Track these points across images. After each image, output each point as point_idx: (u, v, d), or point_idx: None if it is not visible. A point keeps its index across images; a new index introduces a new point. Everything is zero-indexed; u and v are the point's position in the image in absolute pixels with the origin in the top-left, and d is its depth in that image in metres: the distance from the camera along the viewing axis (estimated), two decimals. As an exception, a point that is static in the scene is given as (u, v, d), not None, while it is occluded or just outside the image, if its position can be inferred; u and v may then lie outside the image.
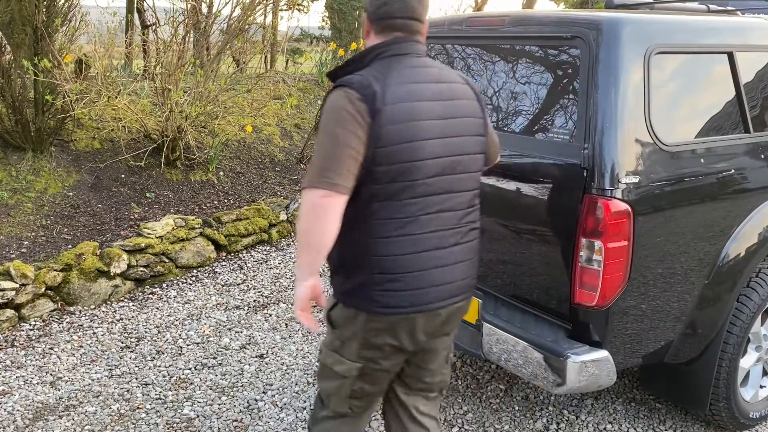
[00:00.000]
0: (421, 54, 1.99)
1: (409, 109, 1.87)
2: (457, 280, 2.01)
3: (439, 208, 1.95)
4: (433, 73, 1.97)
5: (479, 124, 2.03)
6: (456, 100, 1.97)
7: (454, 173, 1.96)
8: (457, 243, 2.00)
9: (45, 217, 4.93)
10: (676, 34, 2.69)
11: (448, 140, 1.93)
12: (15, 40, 5.44)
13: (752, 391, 3.11)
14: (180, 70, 5.82)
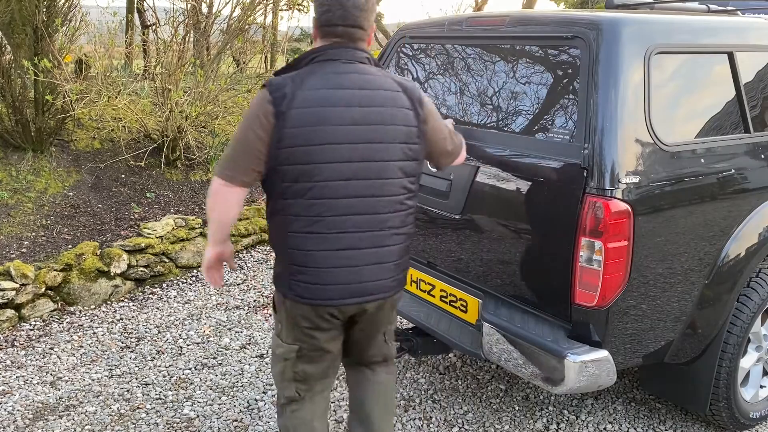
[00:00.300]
0: (352, 60, 2.06)
1: (316, 113, 1.97)
2: (366, 281, 2.10)
3: (350, 210, 2.04)
4: (356, 80, 2.04)
5: (406, 132, 2.07)
6: (376, 107, 2.03)
7: (368, 178, 2.03)
8: (374, 246, 2.08)
9: (45, 217, 4.93)
10: (676, 34, 2.69)
11: (362, 146, 2.01)
12: (15, 40, 5.44)
13: (752, 391, 3.11)
14: (180, 70, 5.82)
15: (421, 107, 2.12)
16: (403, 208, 2.13)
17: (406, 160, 2.09)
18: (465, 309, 2.96)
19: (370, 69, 2.09)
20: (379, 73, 2.10)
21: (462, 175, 2.85)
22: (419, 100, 2.12)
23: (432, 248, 3.08)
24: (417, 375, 3.60)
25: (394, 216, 2.11)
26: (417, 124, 2.10)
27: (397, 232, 2.13)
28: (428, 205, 3.02)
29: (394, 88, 2.08)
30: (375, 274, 2.11)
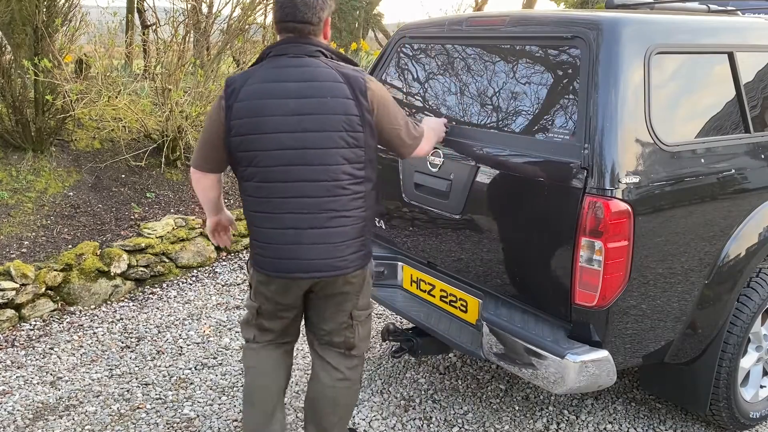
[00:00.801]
0: (300, 54, 2.24)
1: (255, 105, 2.20)
2: (312, 258, 2.29)
3: (290, 193, 2.24)
4: (297, 72, 2.22)
5: (346, 120, 2.21)
6: (314, 98, 2.19)
7: (306, 164, 2.22)
8: (313, 227, 2.27)
9: (45, 217, 4.93)
10: (677, 34, 2.69)
11: (299, 134, 2.20)
12: (15, 40, 5.45)
13: (752, 391, 3.11)
14: (180, 70, 5.82)
15: (364, 97, 2.23)
16: (346, 193, 2.27)
17: (347, 147, 2.23)
18: (465, 309, 2.96)
19: (314, 62, 2.24)
20: (324, 65, 2.24)
21: (462, 175, 2.85)
22: (362, 90, 2.23)
23: (432, 248, 3.08)
24: (417, 375, 3.60)
25: (334, 200, 2.26)
26: (359, 113, 2.22)
27: (339, 215, 2.27)
28: (428, 205, 3.02)
29: (336, 79, 2.21)
30: (319, 253, 2.29)
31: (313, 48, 2.26)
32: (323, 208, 2.25)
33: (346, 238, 2.31)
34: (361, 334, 2.55)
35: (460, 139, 2.89)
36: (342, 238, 2.30)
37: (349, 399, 2.62)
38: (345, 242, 2.31)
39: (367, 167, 2.30)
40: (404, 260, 3.27)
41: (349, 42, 9.74)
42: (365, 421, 3.18)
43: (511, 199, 2.70)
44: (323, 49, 2.28)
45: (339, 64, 2.28)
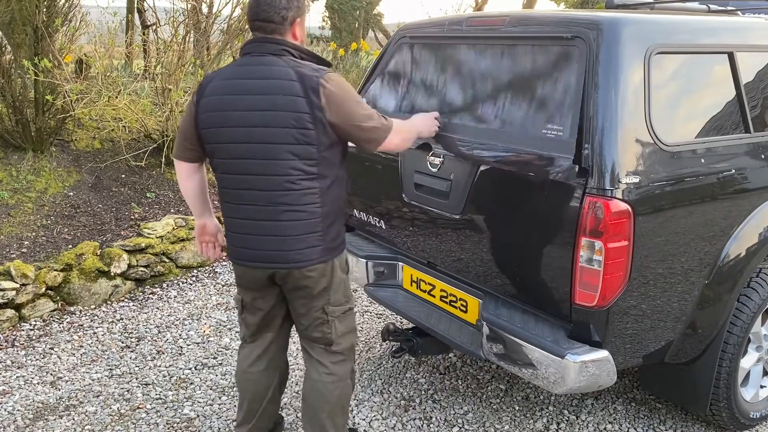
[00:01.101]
0: (263, 53, 2.33)
1: (218, 100, 2.33)
2: (268, 249, 2.39)
3: (246, 186, 2.36)
4: (256, 71, 2.32)
5: (296, 118, 2.27)
6: (268, 95, 2.28)
7: (258, 158, 2.31)
8: (267, 219, 2.36)
9: (45, 217, 4.93)
10: (677, 34, 2.69)
11: (253, 129, 2.30)
12: (15, 40, 5.44)
13: (753, 391, 3.11)
14: (180, 70, 5.82)
15: (315, 95, 2.26)
16: (297, 188, 2.33)
17: (296, 143, 2.29)
18: (465, 309, 2.96)
19: (274, 60, 2.32)
20: (283, 63, 2.31)
21: (462, 176, 2.85)
22: (314, 88, 2.27)
23: (432, 248, 3.08)
24: (417, 375, 3.60)
25: (285, 194, 2.33)
26: (309, 110, 2.27)
27: (290, 209, 2.34)
28: (428, 205, 3.02)
29: (289, 77, 2.28)
30: (275, 245, 2.38)
31: (277, 47, 2.34)
32: (275, 202, 2.34)
33: (299, 231, 2.37)
34: (338, 330, 2.58)
35: (460, 137, 2.89)
36: (295, 232, 2.37)
37: (337, 395, 2.63)
38: (298, 236, 2.38)
39: (321, 164, 2.35)
40: (404, 260, 3.27)
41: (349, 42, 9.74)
42: (365, 421, 3.18)
43: (511, 199, 2.70)
44: (289, 48, 2.35)
45: (299, 62, 2.33)
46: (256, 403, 2.75)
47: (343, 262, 2.56)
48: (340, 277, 2.53)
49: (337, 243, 2.50)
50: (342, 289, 2.56)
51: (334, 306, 2.54)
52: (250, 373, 2.73)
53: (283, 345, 2.77)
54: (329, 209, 2.43)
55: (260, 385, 2.73)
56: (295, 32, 2.40)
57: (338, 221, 2.49)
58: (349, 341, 2.64)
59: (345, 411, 2.70)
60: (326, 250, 2.45)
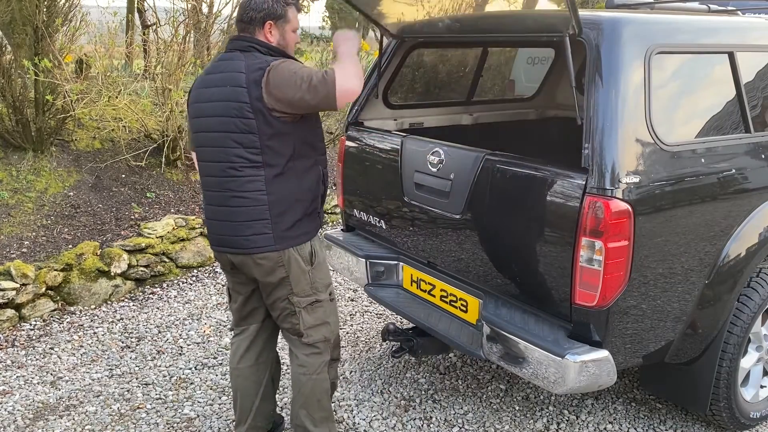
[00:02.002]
0: (233, 49, 2.49)
1: (195, 93, 2.54)
2: (223, 233, 2.53)
3: (206, 172, 2.53)
4: (220, 65, 2.48)
5: (237, 108, 2.38)
6: (221, 87, 2.43)
7: (211, 146, 2.48)
8: (219, 204, 2.51)
9: (45, 217, 4.93)
10: (677, 34, 2.69)
11: (210, 119, 2.47)
12: (15, 40, 5.44)
13: (753, 391, 3.11)
14: (180, 70, 5.82)
15: (257, 85, 2.35)
16: (241, 175, 2.43)
17: (239, 132, 2.40)
18: (465, 309, 2.95)
19: (238, 55, 2.45)
20: (242, 58, 2.43)
21: (462, 175, 2.85)
22: (256, 80, 2.36)
23: (432, 248, 3.08)
24: (417, 375, 3.60)
25: (230, 180, 2.45)
26: (249, 100, 2.36)
27: (235, 195, 2.45)
28: (428, 205, 3.02)
29: (240, 69, 2.40)
30: (227, 230, 2.51)
31: (244, 43, 2.48)
32: (223, 188, 2.48)
33: (245, 218, 2.46)
34: (307, 322, 2.60)
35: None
36: (241, 218, 2.47)
37: (310, 388, 2.65)
38: (245, 222, 2.46)
39: (266, 153, 2.41)
40: (404, 260, 3.27)
41: (349, 42, 9.73)
42: (365, 421, 3.18)
43: (511, 199, 2.70)
44: (256, 45, 2.47)
45: (258, 56, 2.43)
46: (248, 401, 2.77)
47: (305, 253, 2.55)
48: (301, 267, 2.54)
49: (294, 233, 2.51)
50: (306, 281, 2.56)
51: (299, 297, 2.57)
52: (239, 369, 2.77)
53: (269, 338, 2.79)
54: (277, 198, 2.46)
55: (250, 380, 2.76)
56: (267, 35, 2.50)
57: (291, 211, 2.49)
58: (321, 333, 2.64)
59: (322, 406, 2.69)
60: (278, 239, 2.47)
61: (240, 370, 2.77)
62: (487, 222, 2.80)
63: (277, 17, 2.50)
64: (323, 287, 2.64)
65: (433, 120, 3.92)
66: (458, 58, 6.31)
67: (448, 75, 6.82)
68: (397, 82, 3.67)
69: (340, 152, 3.57)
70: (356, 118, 3.56)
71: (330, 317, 2.67)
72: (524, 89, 4.96)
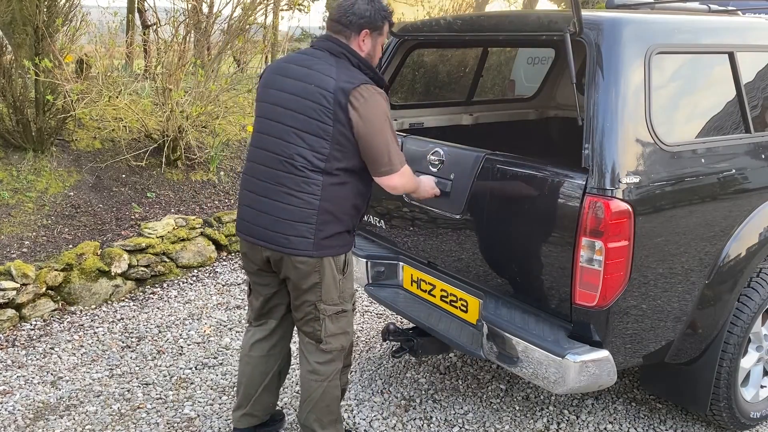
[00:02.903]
0: (322, 48, 2.48)
1: (268, 77, 2.54)
2: (261, 226, 2.49)
3: (259, 159, 2.49)
4: (306, 60, 2.46)
5: (317, 110, 2.37)
6: (303, 83, 2.41)
7: (274, 137, 2.45)
8: (266, 196, 2.46)
9: (46, 216, 4.93)
10: (677, 34, 2.69)
11: (278, 109, 2.46)
12: (16, 40, 5.44)
13: (753, 391, 3.11)
14: (181, 70, 5.82)
15: (345, 97, 2.34)
16: (299, 174, 2.40)
17: (308, 133, 2.38)
18: (465, 309, 2.96)
19: (327, 57, 2.44)
20: (332, 62, 2.42)
21: (463, 176, 2.85)
22: (345, 90, 2.34)
23: (432, 248, 3.08)
24: (417, 375, 3.60)
25: (288, 176, 2.41)
26: (332, 108, 2.34)
27: (288, 192, 2.42)
28: (428, 205, 3.02)
29: (330, 74, 2.38)
30: (268, 224, 2.46)
31: (338, 48, 2.46)
32: (276, 181, 2.44)
33: (291, 217, 2.42)
34: (329, 330, 2.58)
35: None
36: (287, 216, 2.43)
37: (320, 394, 2.64)
38: (290, 221, 2.42)
39: (330, 161, 2.38)
40: (405, 260, 3.27)
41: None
42: (366, 421, 3.18)
43: (512, 199, 2.70)
44: (348, 54, 2.45)
45: (349, 68, 2.42)
46: (252, 389, 2.78)
47: (340, 263, 2.54)
48: (333, 276, 2.52)
49: (333, 243, 2.49)
50: (336, 289, 2.55)
51: (326, 304, 2.55)
52: (249, 356, 2.79)
53: (285, 334, 2.80)
54: (329, 206, 2.43)
55: (258, 369, 2.78)
56: (360, 42, 2.49)
57: (337, 222, 2.47)
58: (340, 342, 2.63)
59: (332, 411, 2.69)
60: (316, 246, 2.45)
61: (250, 357, 2.79)
62: (488, 222, 2.80)
63: (374, 28, 2.50)
64: (349, 297, 2.63)
65: (433, 120, 3.92)
66: (458, 58, 6.32)
67: (449, 75, 6.82)
68: (397, 82, 3.67)
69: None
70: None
71: (350, 327, 2.67)
72: (524, 89, 4.97)
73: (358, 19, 2.45)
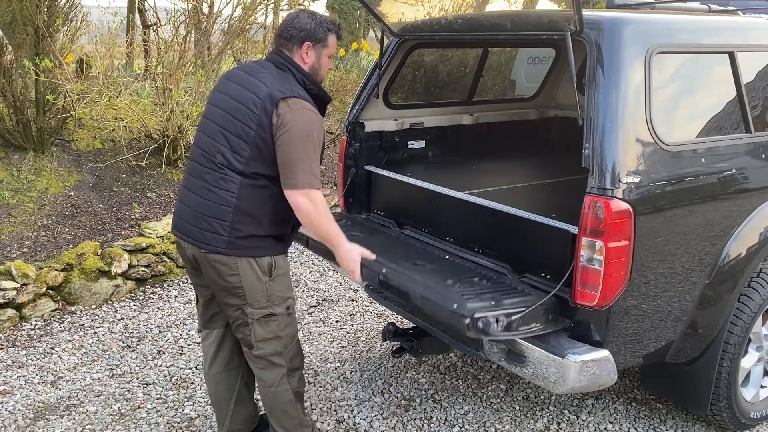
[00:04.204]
0: (270, 60, 2.56)
1: (219, 83, 2.61)
2: (185, 220, 2.52)
3: (194, 158, 2.54)
4: (252, 68, 2.55)
5: (245, 113, 2.43)
6: (239, 87, 2.49)
7: (206, 134, 2.52)
8: (192, 191, 2.51)
9: (46, 216, 4.93)
10: (678, 34, 2.69)
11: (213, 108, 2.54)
12: (16, 40, 5.44)
13: (753, 391, 3.11)
14: (181, 70, 5.82)
15: (272, 105, 2.38)
16: (219, 171, 2.44)
17: (232, 134, 2.44)
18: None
19: (270, 67, 2.51)
20: (274, 73, 2.48)
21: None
22: (273, 98, 2.39)
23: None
24: (418, 375, 3.60)
25: (209, 172, 2.46)
26: (257, 113, 2.39)
27: (208, 188, 2.46)
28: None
29: (265, 82, 2.44)
30: (190, 219, 2.50)
31: (282, 60, 2.52)
32: (200, 177, 2.49)
33: (208, 213, 2.45)
34: (258, 334, 2.54)
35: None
36: (205, 211, 2.46)
37: (270, 400, 2.62)
38: (206, 216, 2.45)
39: (249, 164, 2.41)
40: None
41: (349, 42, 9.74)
42: (366, 421, 3.18)
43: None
44: (293, 68, 2.51)
45: (290, 81, 2.46)
46: (224, 406, 2.77)
47: (264, 264, 2.49)
48: (257, 278, 2.48)
49: (252, 245, 2.46)
50: (262, 292, 2.50)
51: (252, 308, 2.51)
52: (210, 375, 2.78)
53: (236, 343, 2.72)
54: (245, 206, 2.43)
55: (222, 386, 2.76)
56: (303, 55, 2.53)
57: (256, 225, 2.45)
58: (272, 347, 2.57)
59: (291, 416, 2.66)
60: (229, 243, 2.43)
61: (212, 376, 2.77)
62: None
63: (316, 40, 2.54)
64: (280, 300, 2.55)
65: (434, 120, 3.92)
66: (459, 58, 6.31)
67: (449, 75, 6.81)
68: (397, 82, 3.67)
69: (341, 152, 3.57)
70: (357, 119, 3.56)
71: (283, 331, 2.58)
72: (525, 89, 4.97)
73: (298, 32, 2.51)
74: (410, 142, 3.79)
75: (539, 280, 2.63)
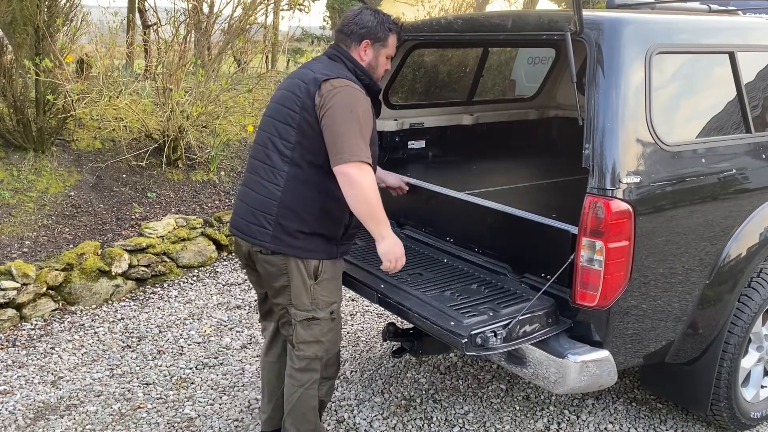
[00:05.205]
0: (324, 55, 2.57)
1: (285, 81, 2.59)
2: (239, 215, 2.54)
3: (254, 153, 2.54)
4: (308, 63, 2.57)
5: (291, 98, 2.45)
6: (292, 79, 2.51)
7: (261, 128, 2.55)
8: (251, 188, 2.50)
9: (46, 216, 4.93)
10: (678, 34, 2.69)
11: (271, 104, 2.56)
12: (16, 40, 5.44)
13: (753, 391, 3.11)
14: (181, 70, 5.82)
15: (316, 87, 2.37)
16: (269, 163, 2.46)
17: (280, 121, 2.45)
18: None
19: (323, 59, 2.54)
20: (325, 62, 2.50)
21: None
22: (316, 80, 2.39)
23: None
24: (418, 375, 3.60)
25: (261, 165, 2.48)
26: (302, 96, 2.40)
27: (260, 181, 2.47)
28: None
29: (312, 68, 2.46)
30: (244, 213, 2.51)
31: (334, 52, 2.53)
32: (255, 171, 2.51)
33: (258, 206, 2.46)
34: (300, 336, 2.55)
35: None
36: (256, 205, 2.47)
37: (296, 399, 2.63)
38: (256, 210, 2.46)
39: (297, 149, 2.41)
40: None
41: (350, 42, 9.72)
42: (366, 421, 3.18)
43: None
44: (344, 58, 2.50)
45: (340, 68, 2.45)
46: (271, 392, 2.83)
47: (310, 267, 2.47)
48: (303, 280, 2.47)
49: (296, 243, 2.43)
50: (307, 295, 2.49)
51: (297, 309, 2.51)
52: (265, 361, 2.86)
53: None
54: (290, 202, 2.41)
55: (272, 374, 2.82)
56: (361, 52, 2.53)
57: (301, 222, 2.41)
58: (312, 350, 2.57)
59: (309, 421, 2.66)
60: (275, 239, 2.43)
61: (265, 362, 2.85)
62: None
63: (376, 39, 2.53)
64: (324, 305, 2.53)
65: (434, 120, 3.92)
66: (459, 58, 6.31)
67: (449, 75, 6.80)
68: (397, 82, 3.67)
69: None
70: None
71: (326, 336, 2.58)
72: (525, 89, 4.97)
73: (359, 29, 2.50)
74: (410, 142, 3.80)
75: (539, 281, 2.63)
